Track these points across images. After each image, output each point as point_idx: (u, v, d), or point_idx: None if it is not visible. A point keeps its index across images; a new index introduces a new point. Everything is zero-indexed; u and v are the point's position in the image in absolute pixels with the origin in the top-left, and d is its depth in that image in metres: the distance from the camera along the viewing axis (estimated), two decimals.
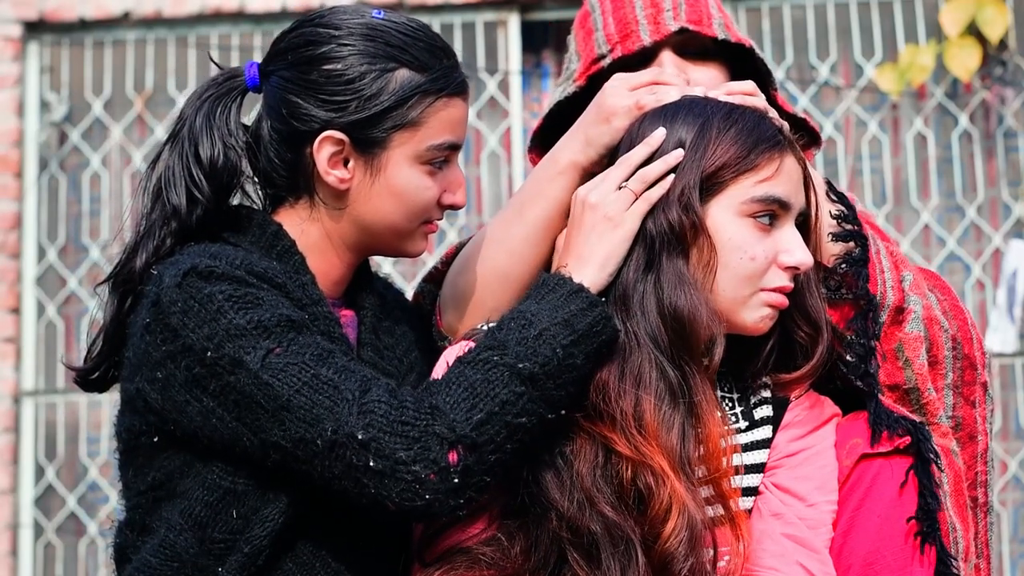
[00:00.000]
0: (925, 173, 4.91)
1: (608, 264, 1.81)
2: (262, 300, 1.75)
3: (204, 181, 1.88)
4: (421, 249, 1.95)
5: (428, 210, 1.91)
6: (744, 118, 1.83)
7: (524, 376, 1.71)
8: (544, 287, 1.79)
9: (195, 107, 1.92)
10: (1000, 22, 4.75)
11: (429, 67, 1.86)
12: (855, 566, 1.82)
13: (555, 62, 5.09)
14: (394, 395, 1.71)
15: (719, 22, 2.13)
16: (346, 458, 1.68)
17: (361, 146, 1.86)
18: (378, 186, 1.88)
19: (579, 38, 2.22)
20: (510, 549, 1.76)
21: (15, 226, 4.95)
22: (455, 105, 1.89)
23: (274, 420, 1.70)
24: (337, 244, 1.92)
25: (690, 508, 1.72)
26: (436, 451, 1.67)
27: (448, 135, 1.89)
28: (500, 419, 1.70)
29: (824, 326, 1.87)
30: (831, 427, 1.90)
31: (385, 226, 1.90)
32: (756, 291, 1.81)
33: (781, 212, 1.81)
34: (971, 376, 2.01)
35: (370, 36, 1.86)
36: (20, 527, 4.85)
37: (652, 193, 1.80)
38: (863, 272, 1.91)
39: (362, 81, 1.84)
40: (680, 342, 1.77)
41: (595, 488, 1.74)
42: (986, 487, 2.03)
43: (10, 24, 5.00)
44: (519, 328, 1.74)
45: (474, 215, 4.99)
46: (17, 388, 4.90)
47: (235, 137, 1.90)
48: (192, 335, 1.73)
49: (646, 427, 1.74)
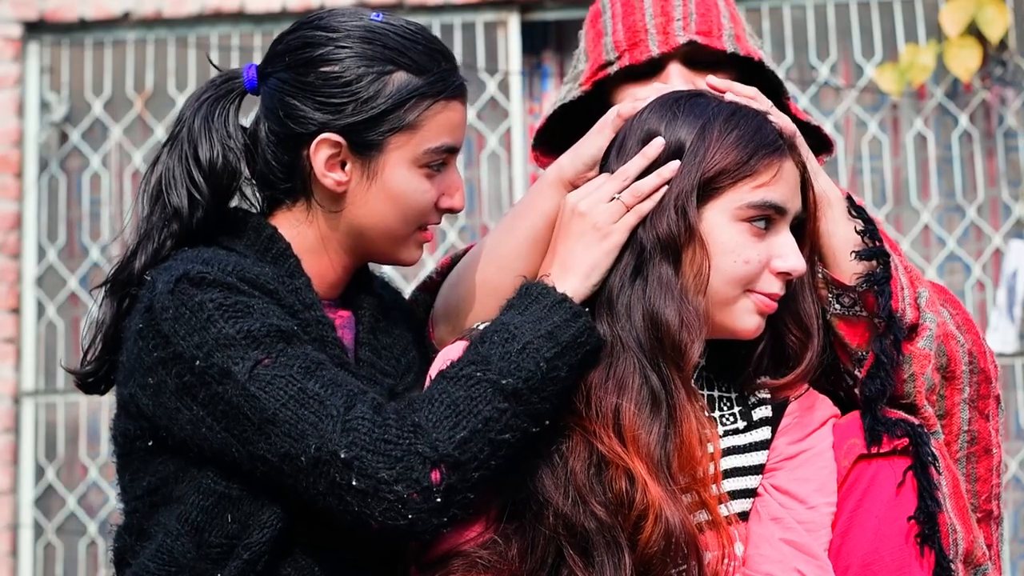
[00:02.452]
0: (925, 173, 4.91)
1: (592, 275, 1.80)
2: (252, 309, 1.75)
3: (204, 183, 1.88)
4: (415, 258, 1.94)
5: (425, 214, 1.90)
6: (746, 121, 1.81)
7: (507, 392, 1.70)
8: (527, 296, 1.78)
9: (194, 109, 1.91)
10: (1000, 22, 4.74)
11: (427, 70, 1.86)
12: (853, 567, 1.81)
13: (555, 62, 5.09)
14: (378, 411, 1.71)
15: (730, 34, 2.11)
16: (330, 475, 1.68)
17: (358, 149, 1.85)
18: (375, 189, 1.87)
19: (589, 38, 2.20)
20: (507, 551, 1.76)
21: (15, 226, 4.95)
22: (453, 108, 1.88)
23: (260, 433, 1.70)
24: (333, 247, 1.91)
25: (667, 513, 1.71)
26: (419, 471, 1.67)
27: (446, 138, 1.88)
28: (483, 436, 1.69)
29: (815, 332, 1.86)
30: (829, 427, 1.90)
31: (381, 230, 1.89)
32: (744, 293, 1.81)
33: (777, 217, 1.81)
34: (986, 390, 2.00)
35: (368, 39, 1.85)
36: (20, 527, 4.85)
37: (643, 206, 1.79)
38: (886, 290, 1.88)
39: (359, 83, 1.84)
40: (660, 348, 1.76)
41: (587, 487, 1.74)
42: (999, 499, 2.03)
43: (10, 24, 5.00)
44: (502, 342, 1.73)
45: (475, 216, 4.99)
46: (17, 388, 4.90)
47: (234, 139, 1.90)
48: (182, 343, 1.73)
49: (624, 431, 1.74)
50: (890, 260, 1.90)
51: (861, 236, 1.91)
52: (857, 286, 1.89)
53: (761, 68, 2.14)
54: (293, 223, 1.91)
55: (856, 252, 1.90)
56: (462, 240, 4.92)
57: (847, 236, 1.91)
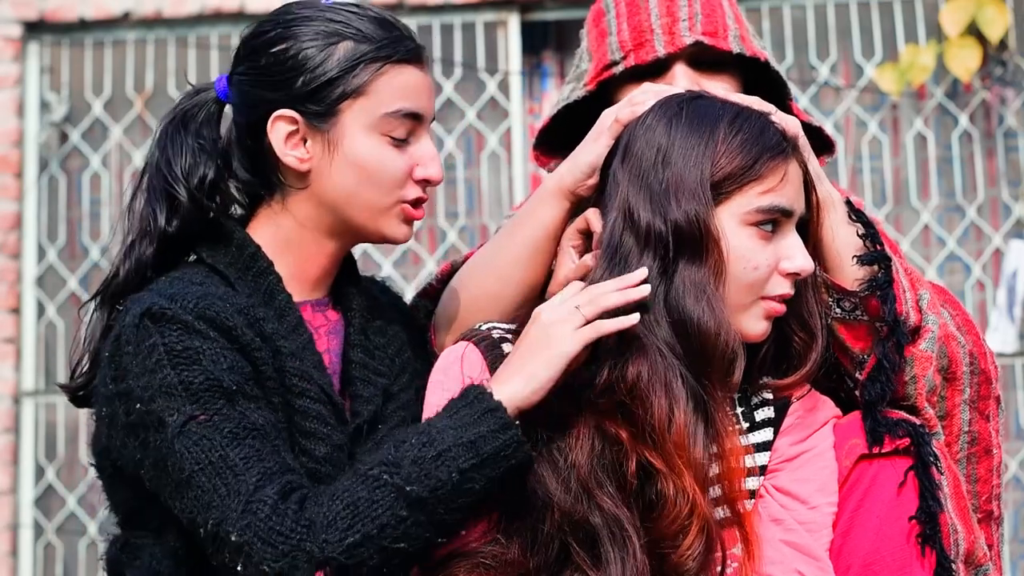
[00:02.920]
0: (925, 173, 4.91)
1: (532, 382, 1.71)
2: (201, 356, 1.73)
3: (180, 194, 1.88)
4: (402, 233, 1.91)
5: (398, 184, 1.88)
6: (749, 124, 1.81)
7: (411, 499, 1.65)
8: (463, 399, 1.72)
9: (167, 121, 1.94)
10: (1000, 22, 4.74)
11: (374, 37, 1.86)
12: (854, 566, 1.81)
13: (555, 62, 5.09)
14: (284, 498, 1.67)
15: (735, 34, 2.11)
16: (221, 552, 1.68)
17: (314, 121, 1.86)
18: (338, 160, 1.86)
19: (592, 37, 2.20)
20: (511, 549, 1.75)
21: (15, 226, 4.95)
22: (407, 72, 1.87)
23: (177, 492, 1.70)
24: (312, 232, 1.90)
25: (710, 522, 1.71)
26: (303, 569, 1.64)
27: (402, 102, 1.86)
28: (376, 543, 1.65)
29: (819, 333, 1.86)
30: (830, 428, 1.89)
31: (354, 203, 1.88)
32: (757, 299, 1.81)
33: (784, 219, 1.81)
34: (986, 391, 2.00)
35: (315, 18, 1.88)
36: (20, 527, 4.85)
37: (604, 325, 1.73)
38: (890, 294, 1.87)
39: (306, 56, 1.86)
40: (697, 355, 1.74)
41: (592, 478, 1.73)
42: (999, 500, 2.03)
43: (10, 24, 5.00)
44: (419, 445, 1.68)
45: (475, 216, 4.99)
46: (17, 388, 4.90)
47: (205, 149, 1.91)
48: (133, 381, 1.74)
49: (675, 436, 1.72)
50: (892, 264, 1.89)
51: (863, 240, 1.91)
52: (860, 291, 1.89)
53: (766, 68, 2.14)
54: (272, 217, 1.91)
55: (858, 257, 1.90)
56: (462, 240, 4.91)
57: (848, 240, 1.90)
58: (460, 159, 5.00)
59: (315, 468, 1.79)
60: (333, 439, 1.82)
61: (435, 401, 1.82)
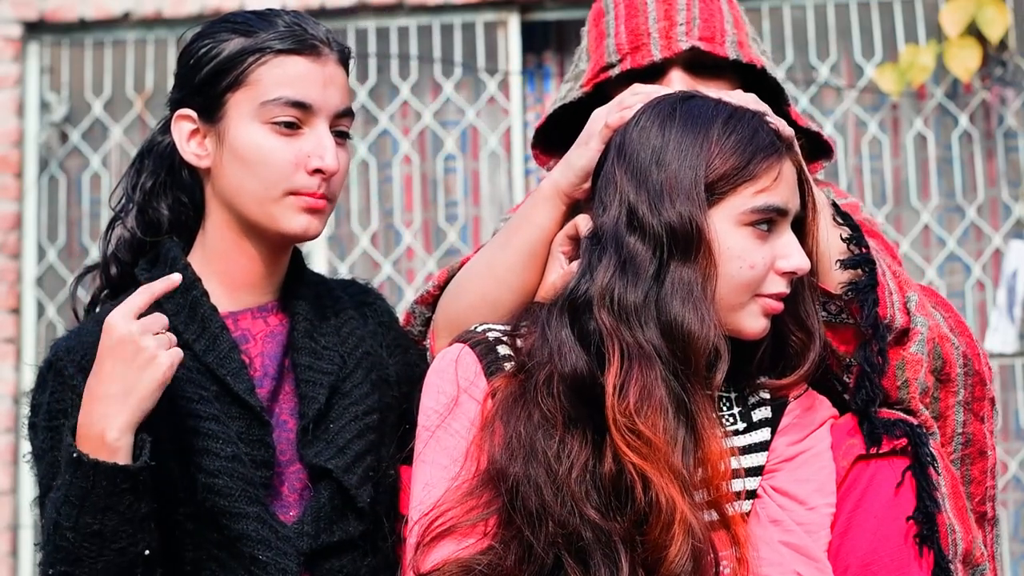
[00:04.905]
0: (925, 173, 4.91)
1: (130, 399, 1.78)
2: (68, 414, 1.84)
3: (126, 223, 2.00)
4: (298, 225, 1.90)
5: (283, 174, 1.88)
6: (743, 125, 1.80)
7: None
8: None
9: (137, 151, 2.04)
10: (1000, 22, 4.74)
11: (258, 30, 1.89)
12: (852, 567, 1.81)
13: (555, 62, 5.09)
14: None
15: (733, 40, 2.11)
16: None
17: (206, 116, 1.90)
18: (227, 153, 1.89)
19: (591, 37, 2.19)
20: (506, 558, 1.74)
21: (15, 226, 4.95)
22: (292, 62, 1.88)
23: None
24: (229, 235, 1.93)
25: (694, 528, 1.70)
26: None
27: (284, 90, 1.87)
28: None
29: (816, 333, 1.86)
30: (828, 428, 1.89)
31: (244, 196, 1.89)
32: (753, 298, 1.81)
33: (779, 218, 1.80)
34: (981, 392, 2.00)
35: (218, 21, 1.94)
36: (20, 527, 4.85)
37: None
38: (871, 298, 1.87)
39: (200, 55, 1.90)
40: (681, 357, 1.74)
41: (581, 490, 1.73)
42: (994, 501, 2.03)
43: (10, 24, 5.00)
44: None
45: (474, 216, 4.99)
46: (17, 388, 4.90)
47: (141, 177, 1.99)
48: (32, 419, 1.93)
49: (655, 443, 1.71)
50: (876, 267, 1.89)
51: (847, 244, 1.91)
52: (844, 294, 1.89)
53: (763, 74, 2.13)
54: (202, 232, 1.96)
55: (840, 261, 1.90)
56: (462, 240, 4.92)
57: (832, 243, 1.91)
58: (460, 159, 5.00)
59: (210, 482, 1.83)
60: (228, 449, 1.85)
61: (429, 404, 1.82)
